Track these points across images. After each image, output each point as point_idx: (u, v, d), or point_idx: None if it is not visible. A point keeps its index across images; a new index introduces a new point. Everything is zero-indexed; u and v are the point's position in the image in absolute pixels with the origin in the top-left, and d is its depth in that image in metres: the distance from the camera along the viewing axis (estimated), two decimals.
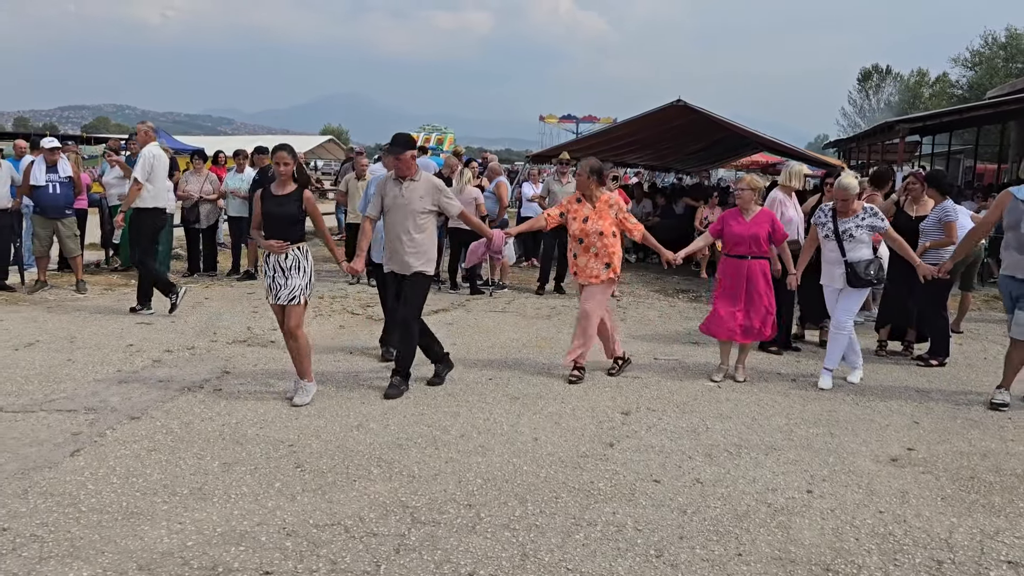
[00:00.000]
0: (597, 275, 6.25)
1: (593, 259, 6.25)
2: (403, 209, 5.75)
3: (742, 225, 6.40)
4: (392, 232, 5.82)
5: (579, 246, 6.29)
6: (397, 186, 5.79)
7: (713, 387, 6.14)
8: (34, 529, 3.55)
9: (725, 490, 4.19)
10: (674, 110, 12.66)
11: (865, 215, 6.26)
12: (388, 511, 3.85)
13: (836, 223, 6.30)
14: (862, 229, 6.23)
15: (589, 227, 6.23)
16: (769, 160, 28.81)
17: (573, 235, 6.32)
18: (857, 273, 6.19)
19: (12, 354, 6.48)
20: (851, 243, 6.22)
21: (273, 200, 5.44)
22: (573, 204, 6.39)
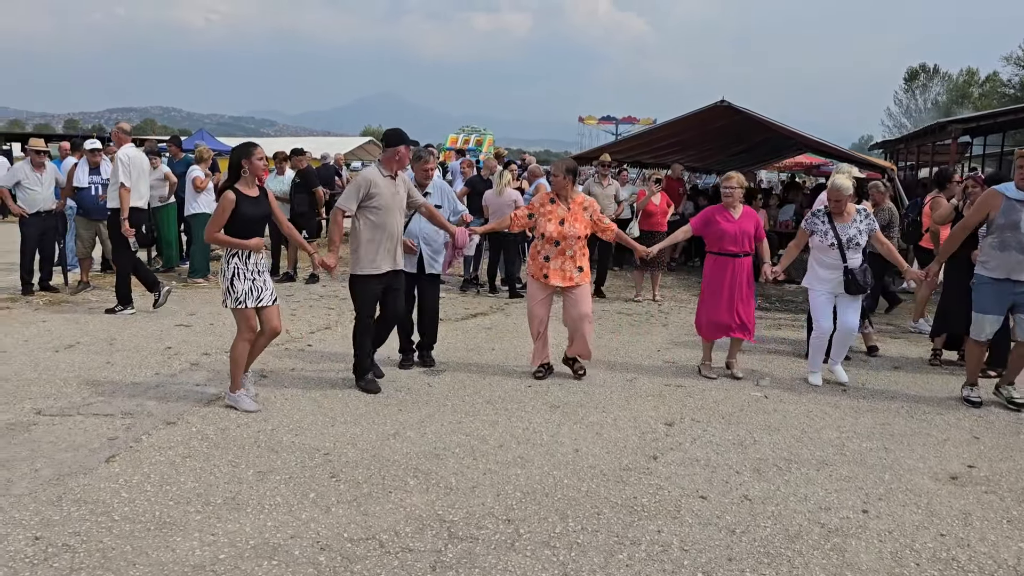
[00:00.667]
0: (572, 278, 6.17)
1: (568, 261, 6.16)
2: (399, 207, 5.79)
3: (731, 223, 6.41)
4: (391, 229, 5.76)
5: (554, 248, 6.15)
6: (392, 184, 5.77)
7: (760, 397, 5.93)
8: (66, 538, 3.50)
9: (775, 508, 4.00)
10: (718, 110, 12.39)
11: (861, 218, 6.22)
12: (424, 525, 3.73)
13: (836, 229, 6.20)
14: (863, 234, 6.18)
15: (567, 230, 6.11)
16: (813, 161, 28.29)
17: (548, 237, 6.14)
18: (856, 280, 6.13)
19: (53, 356, 6.50)
20: (853, 250, 6.17)
21: (249, 201, 5.25)
22: (546, 205, 6.24)
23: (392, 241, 5.78)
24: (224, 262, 5.29)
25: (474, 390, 5.92)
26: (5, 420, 4.95)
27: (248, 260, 5.27)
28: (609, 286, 10.80)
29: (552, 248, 6.15)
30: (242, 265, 5.25)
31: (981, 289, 5.82)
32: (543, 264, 6.18)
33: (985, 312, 5.78)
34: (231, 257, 5.25)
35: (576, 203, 6.22)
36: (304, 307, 8.96)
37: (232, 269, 5.23)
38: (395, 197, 5.76)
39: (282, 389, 5.79)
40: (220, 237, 5.21)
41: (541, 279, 6.20)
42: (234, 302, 5.22)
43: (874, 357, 7.26)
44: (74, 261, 10.08)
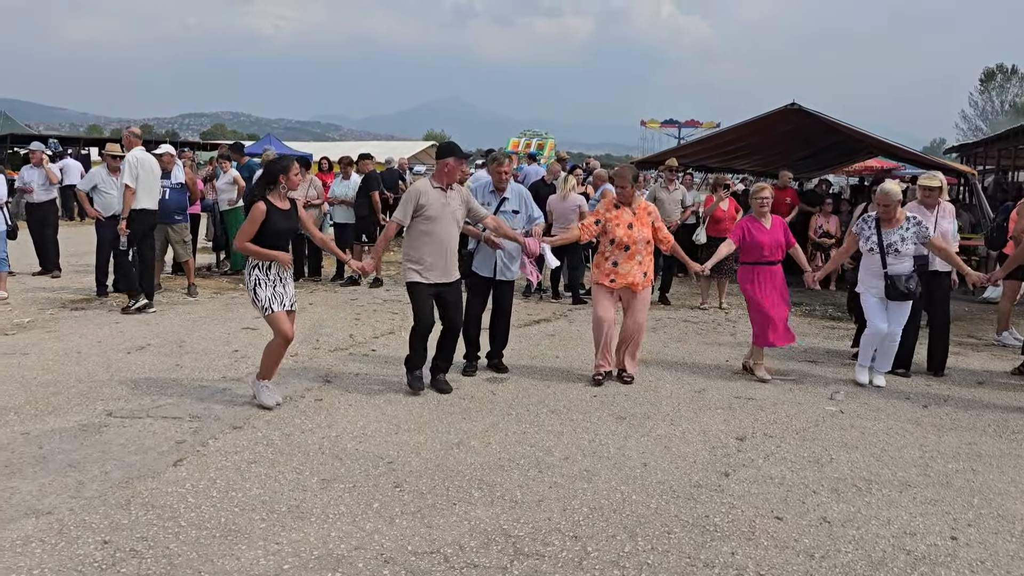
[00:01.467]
0: (638, 282, 6.15)
1: (637, 267, 6.15)
2: (452, 217, 5.78)
3: (765, 233, 6.54)
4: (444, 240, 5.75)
5: (623, 253, 6.13)
6: (442, 195, 5.76)
7: (835, 412, 5.69)
8: (134, 543, 3.51)
9: (856, 532, 3.80)
10: (787, 113, 12.08)
11: (909, 225, 6.19)
12: (490, 539, 3.64)
13: (881, 235, 6.22)
14: (907, 242, 6.16)
15: (636, 234, 6.11)
16: (884, 166, 27.41)
17: (618, 242, 6.12)
18: (896, 286, 6.14)
19: (125, 357, 6.63)
20: (895, 257, 6.17)
21: (280, 214, 5.33)
22: (612, 211, 6.22)
23: (443, 252, 5.74)
24: (247, 273, 5.41)
25: (538, 399, 5.83)
26: (78, 421, 5.05)
27: (269, 270, 5.35)
28: (674, 293, 10.59)
29: (622, 253, 6.13)
30: (262, 275, 5.34)
31: None
32: (611, 269, 6.15)
33: None
34: (252, 268, 5.36)
35: (641, 208, 6.23)
36: (368, 311, 8.99)
37: (253, 279, 5.34)
38: (445, 208, 5.71)
39: (346, 395, 5.78)
40: (250, 247, 5.28)
41: (607, 283, 6.17)
42: (262, 310, 5.34)
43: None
44: None
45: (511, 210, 6.44)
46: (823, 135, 15.70)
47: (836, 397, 6.02)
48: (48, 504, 3.86)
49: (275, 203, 5.32)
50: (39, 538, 3.53)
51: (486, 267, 6.38)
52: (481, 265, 6.39)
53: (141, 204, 8.51)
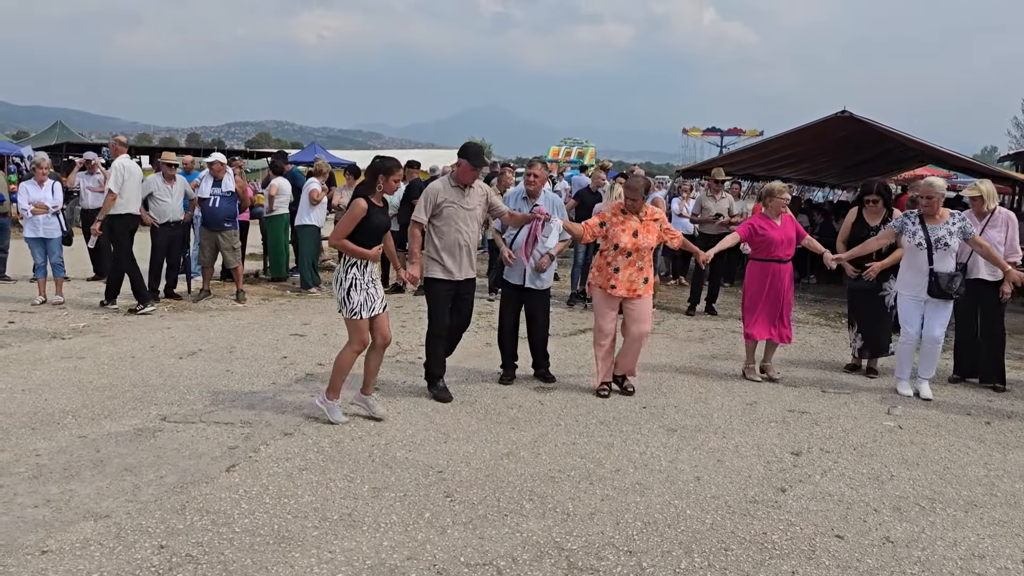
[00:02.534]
0: (636, 290, 6.09)
1: (637, 273, 6.10)
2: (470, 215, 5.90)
3: (777, 230, 6.62)
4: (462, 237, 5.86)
5: (625, 259, 6.07)
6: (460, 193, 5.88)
7: (893, 427, 5.53)
8: (189, 548, 3.53)
9: (921, 553, 3.68)
10: (838, 121, 11.85)
11: (955, 220, 6.16)
12: (543, 552, 3.60)
13: (927, 230, 6.17)
14: (954, 236, 6.13)
15: (641, 241, 6.06)
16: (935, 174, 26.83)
17: (622, 248, 6.05)
18: (939, 285, 6.09)
19: (177, 363, 6.71)
20: (942, 252, 6.13)
21: (378, 211, 5.30)
22: (618, 215, 6.16)
23: (461, 249, 5.86)
24: (342, 271, 5.24)
25: (587, 409, 5.77)
26: (133, 425, 5.11)
27: (366, 270, 5.26)
28: (721, 303, 10.43)
29: (623, 259, 6.08)
30: (360, 276, 5.21)
31: None
32: (611, 275, 6.10)
33: None
34: (350, 267, 5.21)
35: (648, 215, 6.18)
36: (414, 319, 9.01)
37: (350, 280, 5.19)
38: (461, 207, 5.84)
39: (394, 402, 5.78)
40: (345, 244, 5.16)
41: (608, 289, 6.12)
42: (349, 312, 5.19)
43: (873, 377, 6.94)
44: (197, 269, 10.48)
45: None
46: (873, 143, 15.41)
47: (894, 412, 5.87)
48: (106, 508, 3.91)
49: (374, 201, 5.26)
50: (98, 541, 3.57)
51: (515, 275, 6.39)
52: (511, 273, 6.41)
53: (126, 209, 8.81)
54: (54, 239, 9.43)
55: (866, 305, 6.91)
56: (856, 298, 7.04)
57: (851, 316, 7.19)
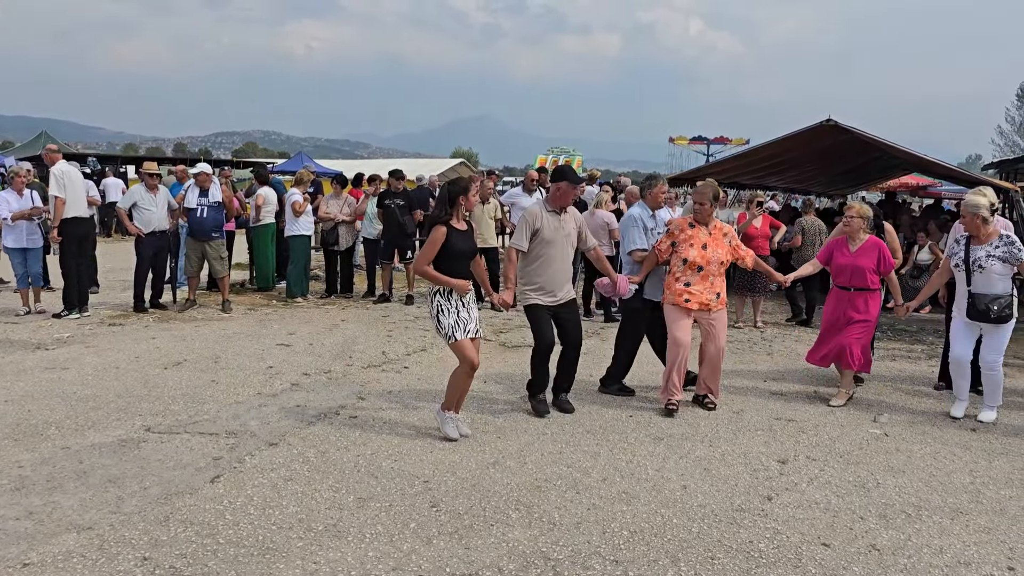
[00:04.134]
0: (711, 304, 5.99)
1: (709, 288, 6.00)
2: (567, 240, 5.86)
3: (846, 257, 6.35)
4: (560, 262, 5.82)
5: (697, 274, 5.97)
6: (556, 218, 5.83)
7: (879, 435, 5.55)
8: (173, 560, 3.50)
9: (908, 560, 3.69)
10: (824, 130, 11.91)
11: (1000, 243, 5.75)
12: (529, 562, 3.58)
13: (968, 251, 5.86)
14: (993, 259, 5.73)
15: (710, 255, 5.97)
16: (920, 182, 27.03)
17: (691, 262, 5.95)
18: (976, 306, 5.77)
19: (162, 373, 6.67)
20: (980, 274, 5.76)
21: (459, 235, 5.16)
22: (686, 230, 6.06)
23: (559, 274, 5.82)
24: (428, 298, 5.23)
25: (573, 419, 5.76)
26: (117, 436, 5.07)
27: (450, 296, 5.13)
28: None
29: (694, 274, 5.97)
30: (444, 301, 5.12)
31: None
32: (683, 290, 5.98)
33: None
34: (435, 294, 5.15)
35: (717, 228, 6.11)
36: (400, 328, 8.99)
37: (435, 306, 5.13)
38: (558, 232, 5.80)
39: (380, 412, 5.75)
40: (428, 272, 5.09)
41: (682, 303, 5.98)
42: (445, 337, 5.13)
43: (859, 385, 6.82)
44: (183, 279, 10.42)
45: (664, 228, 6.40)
46: (859, 151, 15.51)
47: (880, 419, 5.89)
48: (89, 519, 3.87)
49: (455, 225, 5.16)
50: (80, 553, 3.53)
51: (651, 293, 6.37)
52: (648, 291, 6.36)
53: (70, 213, 8.87)
54: (35, 249, 9.37)
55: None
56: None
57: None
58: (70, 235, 8.95)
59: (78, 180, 9.24)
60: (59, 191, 8.77)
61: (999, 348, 5.85)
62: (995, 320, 5.73)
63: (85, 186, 9.60)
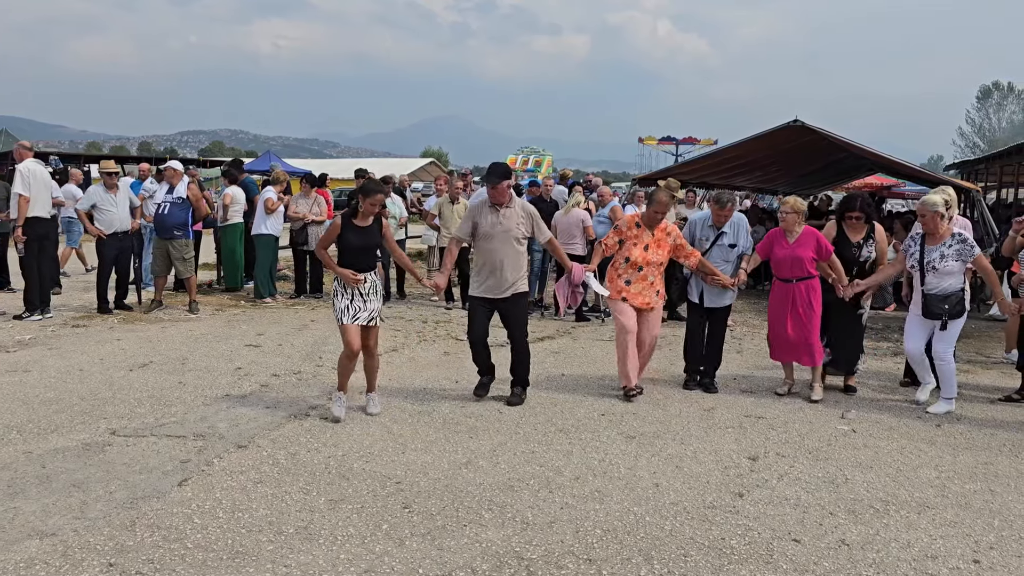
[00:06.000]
0: (650, 302, 6.25)
1: (648, 287, 6.24)
2: (503, 235, 5.90)
3: (785, 249, 6.39)
4: (493, 257, 5.92)
5: (637, 273, 6.22)
6: (494, 213, 5.94)
7: (847, 431, 5.62)
8: (140, 566, 3.44)
9: (876, 555, 3.73)
10: (791, 130, 12.07)
11: (953, 242, 5.97)
12: (502, 562, 3.57)
13: (923, 251, 6.06)
14: (947, 259, 5.94)
15: (651, 256, 6.20)
16: (884, 182, 27.47)
17: (633, 262, 6.21)
18: (928, 306, 6.00)
19: (127, 375, 6.55)
20: (934, 275, 5.98)
21: (355, 231, 5.53)
22: (633, 229, 6.30)
23: (495, 269, 5.92)
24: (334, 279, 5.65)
25: (545, 418, 5.76)
26: (81, 440, 4.97)
27: (346, 283, 5.52)
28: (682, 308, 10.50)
29: (635, 273, 6.21)
30: (339, 287, 5.57)
31: None
32: (624, 288, 6.24)
33: None
34: (335, 279, 5.62)
35: (661, 229, 6.28)
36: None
37: (334, 288, 5.64)
38: (495, 227, 5.90)
39: (350, 413, 5.70)
40: (320, 254, 5.72)
41: (620, 300, 6.26)
42: (335, 316, 5.59)
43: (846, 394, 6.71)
44: (149, 279, 10.26)
45: (727, 243, 6.53)
46: (825, 152, 15.72)
47: (848, 416, 5.96)
48: (52, 525, 3.79)
49: (356, 222, 5.52)
50: (43, 560, 3.45)
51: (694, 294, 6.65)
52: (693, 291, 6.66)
53: (32, 212, 8.75)
54: None
55: (837, 319, 6.63)
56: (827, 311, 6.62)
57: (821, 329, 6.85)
58: (31, 235, 8.78)
59: (44, 180, 9.06)
60: (23, 189, 8.62)
61: (950, 340, 6.06)
62: (944, 317, 5.97)
63: (51, 186, 9.39)
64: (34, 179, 8.78)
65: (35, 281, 8.84)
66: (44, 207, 8.96)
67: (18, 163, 8.91)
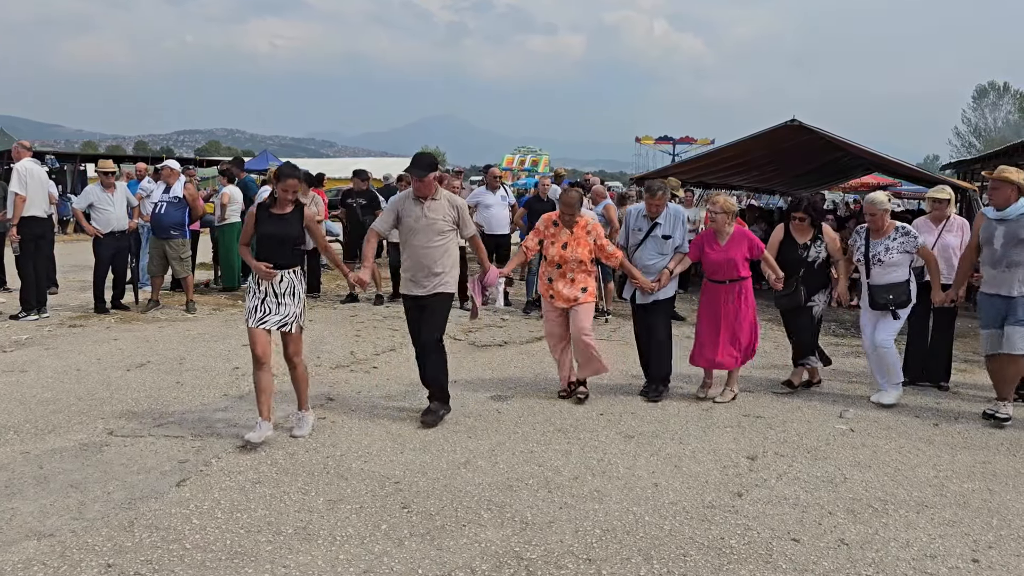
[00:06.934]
0: (574, 299, 6.12)
1: (569, 285, 6.12)
2: (429, 229, 5.57)
3: (716, 251, 6.31)
4: (418, 253, 5.59)
5: (556, 271, 6.14)
6: (419, 206, 5.59)
7: (845, 430, 5.62)
8: (138, 567, 3.43)
9: (875, 554, 3.73)
10: (788, 130, 12.09)
11: (896, 235, 6.22)
12: (502, 562, 3.56)
13: (868, 246, 6.29)
14: (892, 252, 6.19)
15: (568, 254, 6.09)
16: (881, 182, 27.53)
17: (551, 260, 6.14)
18: (874, 297, 6.22)
19: (124, 375, 6.54)
20: (880, 267, 6.22)
21: (272, 219, 5.09)
22: (550, 228, 6.21)
23: (418, 264, 5.57)
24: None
25: (544, 417, 5.75)
26: (78, 440, 4.96)
27: (260, 281, 5.07)
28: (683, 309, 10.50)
29: (555, 271, 6.14)
30: (254, 284, 5.12)
31: (979, 304, 6.06)
32: (548, 286, 6.20)
33: (983, 327, 5.96)
34: (252, 275, 5.17)
35: (579, 226, 6.16)
36: (368, 328, 8.92)
37: (250, 285, 5.20)
38: (419, 221, 5.55)
39: (349, 413, 5.70)
40: (241, 249, 5.38)
41: (548, 298, 6.23)
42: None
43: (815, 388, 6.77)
44: (146, 279, 10.24)
45: (661, 235, 6.37)
46: (822, 151, 15.74)
47: (845, 415, 5.96)
48: (50, 526, 3.77)
49: (273, 210, 5.10)
50: (41, 561, 3.44)
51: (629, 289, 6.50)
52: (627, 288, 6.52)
53: (29, 212, 8.74)
54: None
55: (795, 320, 6.68)
56: (786, 315, 6.78)
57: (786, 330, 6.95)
58: (28, 234, 8.75)
59: (41, 179, 9.04)
60: (20, 188, 8.60)
61: (894, 330, 6.27)
62: (891, 308, 6.19)
63: (48, 186, 9.36)
64: (31, 178, 8.77)
65: (31, 281, 8.82)
66: (41, 207, 8.94)
67: (15, 162, 8.87)
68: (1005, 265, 5.74)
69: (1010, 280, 5.72)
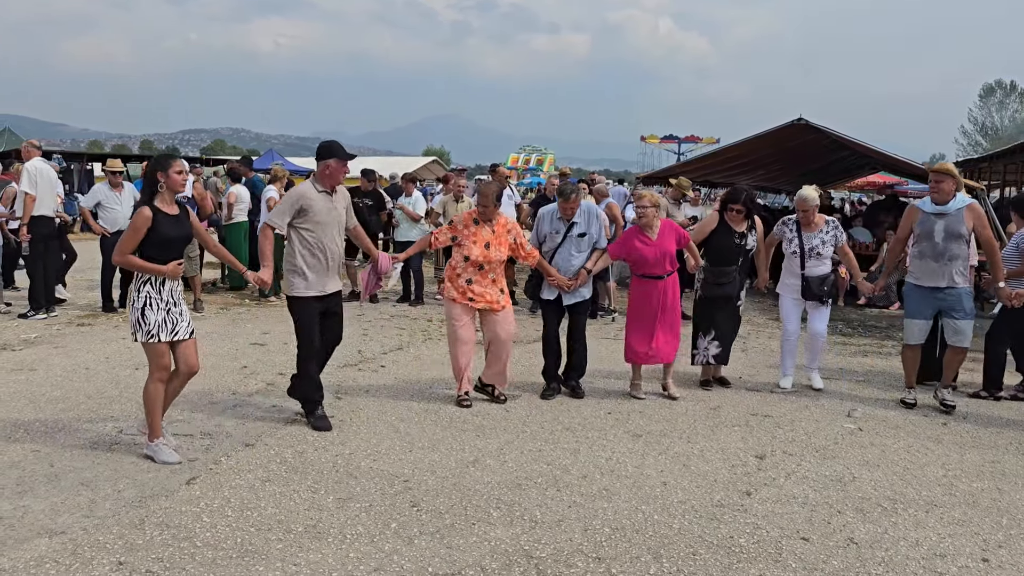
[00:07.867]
0: (497, 300, 5.99)
1: (491, 285, 6.00)
2: (339, 223, 5.40)
3: (650, 245, 6.19)
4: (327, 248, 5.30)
5: (478, 272, 5.96)
6: (327, 199, 5.32)
7: (854, 429, 5.62)
8: (149, 564, 3.44)
9: (885, 553, 3.73)
10: (795, 129, 12.07)
11: (828, 228, 6.54)
12: (511, 561, 3.57)
13: (802, 239, 6.54)
14: (827, 245, 6.51)
15: (492, 254, 5.95)
16: (887, 181, 27.46)
17: (473, 260, 5.93)
18: (811, 288, 6.50)
19: (133, 373, 6.56)
20: (816, 260, 6.51)
21: (168, 220, 4.64)
22: (470, 226, 6.01)
23: (328, 261, 5.31)
24: (135, 289, 4.63)
25: (552, 416, 5.76)
26: (89, 439, 4.98)
27: (163, 288, 4.64)
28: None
29: (476, 271, 5.96)
30: (155, 293, 4.60)
31: (908, 295, 6.25)
32: (466, 287, 5.96)
33: (911, 317, 6.18)
34: (143, 284, 4.60)
35: (500, 225, 6.05)
36: (375, 327, 8.94)
37: (144, 298, 4.58)
38: (331, 213, 5.30)
39: (357, 411, 5.71)
40: (132, 260, 4.55)
41: (465, 301, 5.96)
42: (144, 335, 4.57)
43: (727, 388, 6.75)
44: None
45: (577, 234, 6.25)
46: (828, 150, 15.72)
47: (854, 414, 5.96)
48: (61, 523, 3.79)
49: (162, 208, 4.63)
50: (53, 559, 3.46)
51: (550, 291, 6.29)
52: (548, 290, 6.30)
53: (38, 211, 8.76)
54: None
55: (723, 312, 6.63)
56: (715, 305, 6.63)
57: (705, 323, 6.69)
58: (37, 234, 8.79)
59: (50, 179, 9.07)
60: (30, 188, 8.62)
61: (826, 318, 6.66)
62: (825, 299, 6.55)
63: (57, 185, 9.41)
64: (41, 178, 8.79)
65: (40, 280, 8.85)
66: (49, 206, 8.97)
67: (25, 161, 8.90)
68: (947, 259, 5.93)
69: (949, 272, 5.94)
